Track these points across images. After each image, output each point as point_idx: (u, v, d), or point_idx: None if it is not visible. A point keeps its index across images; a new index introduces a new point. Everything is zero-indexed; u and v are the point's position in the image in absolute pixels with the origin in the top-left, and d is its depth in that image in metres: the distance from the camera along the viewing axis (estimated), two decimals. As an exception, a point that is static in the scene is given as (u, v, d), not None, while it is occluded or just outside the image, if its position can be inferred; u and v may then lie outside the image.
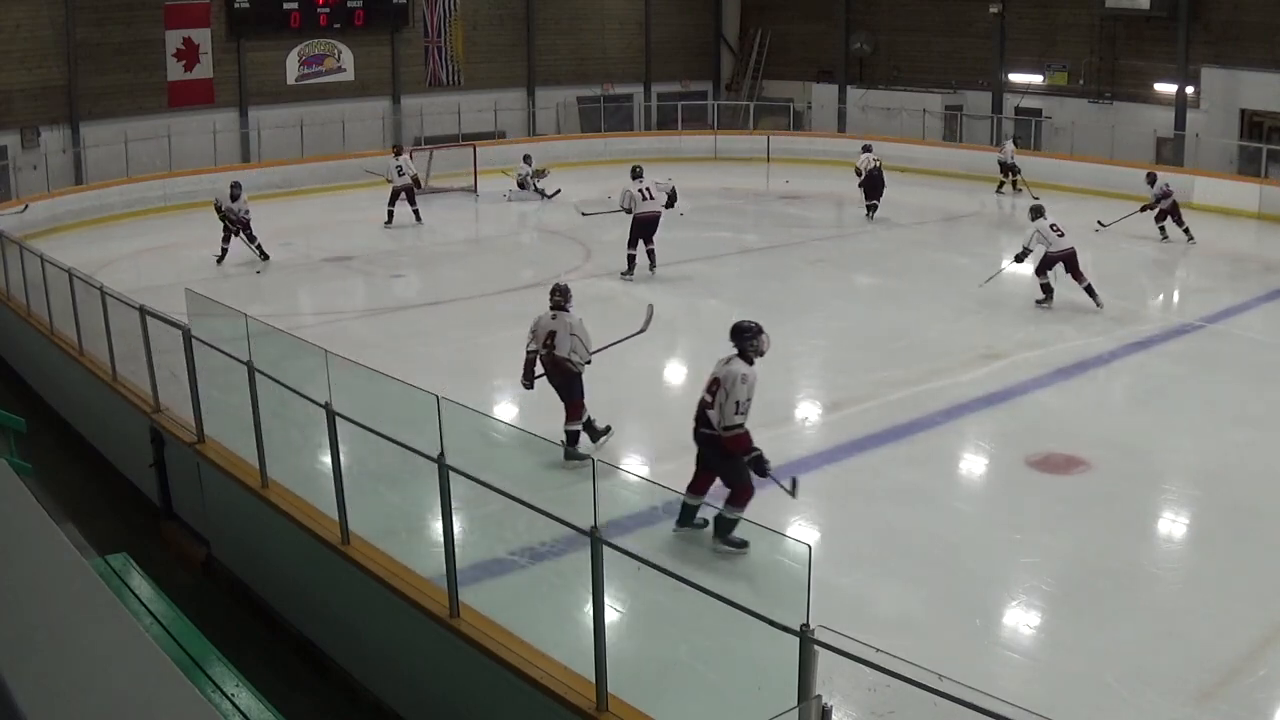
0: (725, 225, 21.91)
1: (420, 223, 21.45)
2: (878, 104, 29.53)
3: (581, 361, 9.53)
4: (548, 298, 9.81)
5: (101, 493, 10.47)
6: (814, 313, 15.15)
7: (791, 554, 4.81)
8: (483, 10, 29.96)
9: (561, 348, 9.46)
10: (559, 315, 9.64)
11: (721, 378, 7.65)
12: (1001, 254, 19.82)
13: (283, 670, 7.26)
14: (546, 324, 9.63)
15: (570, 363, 9.48)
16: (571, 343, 9.48)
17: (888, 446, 10.20)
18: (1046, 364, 12.44)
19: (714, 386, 7.69)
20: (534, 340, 9.67)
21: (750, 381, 7.63)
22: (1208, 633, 6.97)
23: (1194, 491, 9.37)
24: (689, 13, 33.57)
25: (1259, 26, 23.10)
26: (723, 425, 7.57)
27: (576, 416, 9.57)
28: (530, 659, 5.60)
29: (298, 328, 12.28)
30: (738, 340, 7.80)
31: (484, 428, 9.25)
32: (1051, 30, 26.84)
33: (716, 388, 7.66)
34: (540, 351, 9.59)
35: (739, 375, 7.61)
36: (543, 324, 9.67)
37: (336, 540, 6.92)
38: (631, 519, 7.47)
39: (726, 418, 7.56)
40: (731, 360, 7.74)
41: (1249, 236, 20.57)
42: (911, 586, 7.70)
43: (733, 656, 5.71)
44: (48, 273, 11.80)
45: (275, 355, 8.04)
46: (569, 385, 9.58)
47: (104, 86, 24.59)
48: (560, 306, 9.67)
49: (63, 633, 1.83)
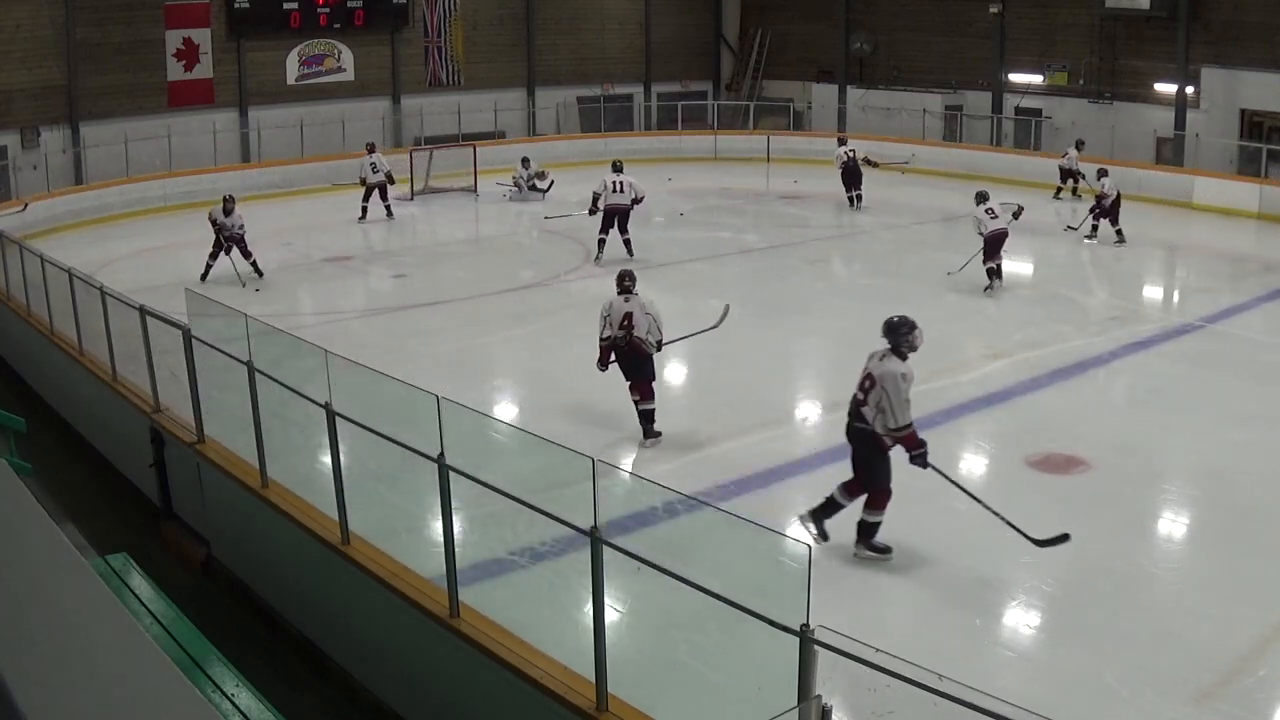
0: (725, 225, 21.92)
1: (391, 218, 21.82)
2: (878, 104, 29.54)
3: (654, 340, 9.86)
4: (615, 284, 10.12)
5: (101, 493, 10.47)
6: (814, 312, 15.16)
7: (791, 554, 4.80)
8: (483, 10, 29.96)
9: (640, 328, 9.81)
10: (631, 298, 9.92)
11: (878, 376, 7.58)
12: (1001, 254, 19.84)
13: (283, 670, 7.26)
14: (621, 307, 9.89)
15: (646, 343, 9.82)
16: (648, 322, 9.82)
17: (888, 446, 10.18)
18: (1046, 364, 12.44)
19: (868, 384, 7.64)
20: (608, 326, 9.91)
21: (910, 378, 7.60)
22: (1208, 633, 6.98)
23: (1194, 491, 9.37)
24: (689, 13, 33.58)
25: (1259, 26, 23.09)
26: (894, 425, 7.56)
27: (650, 396, 9.93)
28: (530, 659, 5.60)
29: (298, 328, 12.28)
30: (892, 337, 7.72)
31: (484, 428, 9.25)
32: (1051, 30, 26.83)
33: (871, 385, 7.62)
34: (618, 334, 9.85)
35: (899, 374, 7.57)
36: (616, 307, 9.91)
37: (336, 540, 6.92)
38: (631, 519, 7.46)
39: (898, 419, 7.54)
40: (886, 358, 7.66)
41: (1249, 236, 20.57)
42: (911, 586, 7.70)
43: (733, 656, 5.70)
44: (48, 273, 11.80)
45: (275, 355, 8.04)
46: (643, 365, 9.90)
47: (104, 86, 24.59)
48: (630, 290, 9.95)
49: (63, 633, 1.83)
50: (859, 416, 7.70)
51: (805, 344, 13.33)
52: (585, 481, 5.06)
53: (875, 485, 7.78)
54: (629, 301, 9.91)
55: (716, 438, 10.40)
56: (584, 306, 15.63)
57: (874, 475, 7.77)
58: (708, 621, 5.33)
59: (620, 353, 9.94)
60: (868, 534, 7.85)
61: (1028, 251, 19.85)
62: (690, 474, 9.29)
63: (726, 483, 9.23)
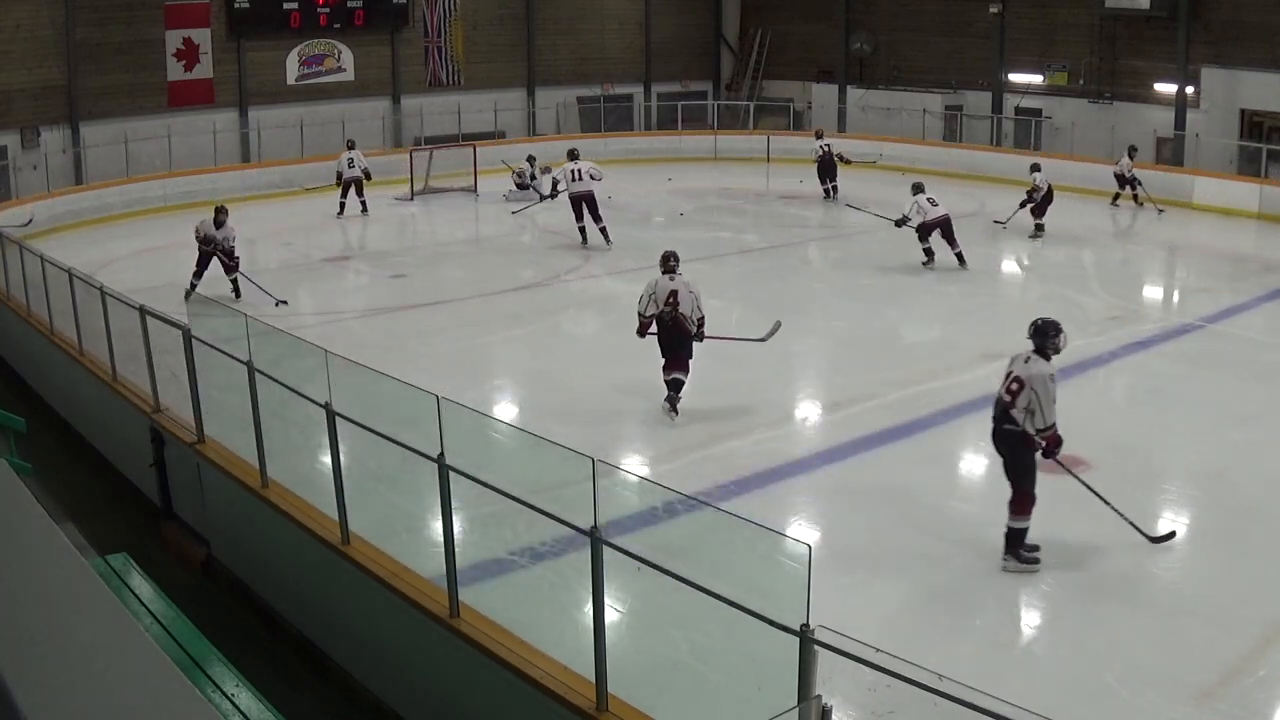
0: (725, 225, 21.92)
1: (366, 213, 22.15)
2: (878, 104, 29.53)
3: (695, 319, 10.46)
4: (659, 264, 10.72)
5: (101, 493, 10.47)
6: (814, 313, 15.16)
7: (791, 554, 4.80)
8: (483, 10, 29.96)
9: (685, 305, 10.42)
10: (675, 277, 10.54)
11: (1026, 378, 7.67)
12: (1001, 254, 19.86)
13: (283, 670, 7.26)
14: (666, 285, 10.52)
15: (689, 320, 10.46)
16: (691, 300, 10.46)
17: (888, 446, 10.20)
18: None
19: (1015, 386, 7.71)
20: (653, 303, 10.51)
21: (1056, 379, 7.74)
22: (1208, 633, 6.97)
23: (1194, 491, 9.37)
24: (689, 13, 33.57)
25: (1259, 26, 23.09)
26: (1043, 425, 7.66)
27: (685, 369, 10.61)
28: (530, 659, 5.60)
29: (298, 328, 12.28)
30: (1039, 339, 7.85)
31: (484, 428, 9.25)
32: (1051, 30, 26.83)
33: (1020, 387, 7.68)
34: (664, 311, 10.44)
35: (1048, 375, 7.69)
36: (661, 285, 10.53)
37: (336, 540, 6.92)
38: (631, 519, 7.46)
39: (1046, 418, 7.65)
40: (1031, 359, 7.78)
41: (1249, 236, 20.56)
42: (912, 586, 7.71)
43: (733, 656, 5.70)
44: (48, 273, 11.80)
45: (275, 355, 8.04)
46: (684, 344, 10.55)
47: (104, 86, 24.58)
48: (674, 270, 10.60)
49: (63, 633, 1.83)
50: (1008, 419, 7.75)
51: (805, 344, 13.34)
52: (585, 481, 5.06)
53: (1023, 489, 7.80)
54: (674, 280, 10.49)
55: (716, 438, 10.40)
56: (584, 306, 15.68)
57: (1023, 478, 7.81)
58: (708, 621, 5.33)
59: (664, 329, 10.52)
60: (1017, 541, 7.80)
61: (1032, 252, 19.88)
62: (690, 474, 9.29)
63: (726, 483, 9.23)
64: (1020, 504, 7.76)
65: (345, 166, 22.01)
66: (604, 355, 13.17)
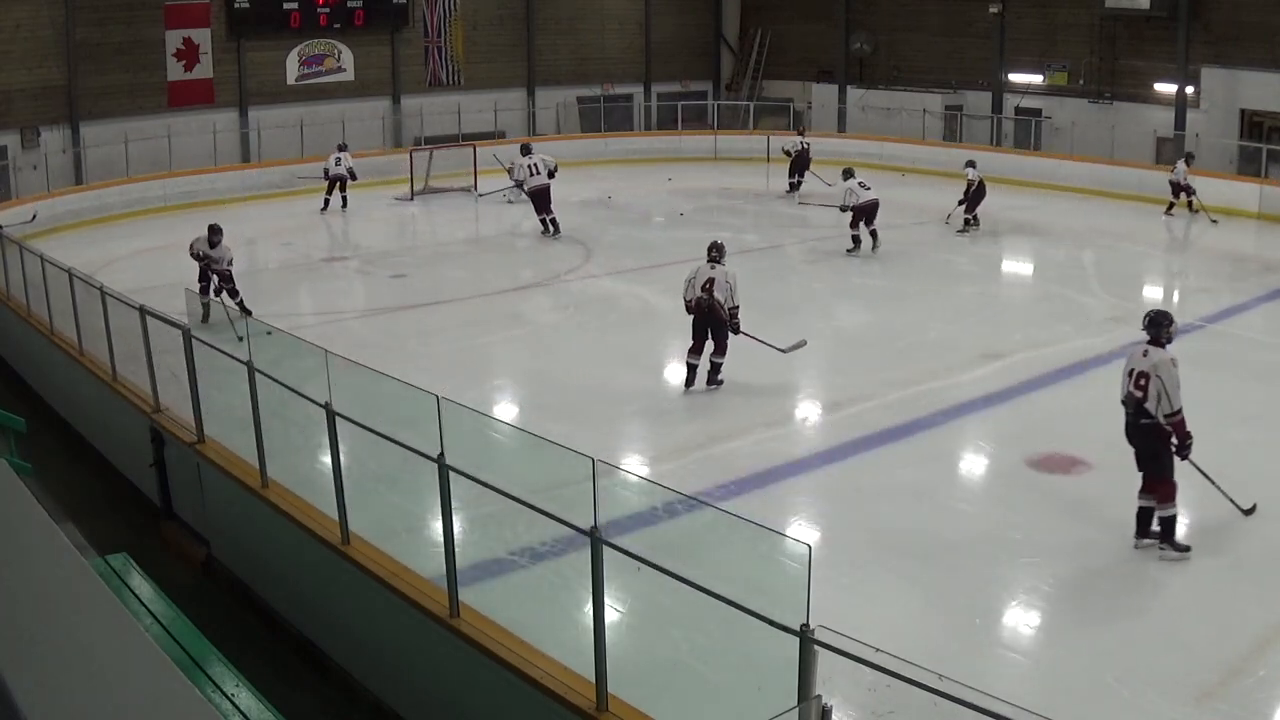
0: (725, 225, 21.89)
1: (345, 208, 22.67)
2: (878, 104, 29.53)
3: (729, 307, 11.28)
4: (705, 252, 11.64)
5: (101, 493, 10.47)
6: (813, 313, 15.16)
7: (791, 554, 4.80)
8: (483, 10, 29.96)
9: (720, 292, 11.25)
10: (716, 266, 11.43)
11: (1149, 370, 7.90)
12: (1001, 254, 19.87)
13: (283, 670, 7.26)
14: (705, 271, 11.44)
15: (722, 307, 11.24)
16: (726, 289, 11.28)
17: (888, 446, 10.20)
18: (1046, 364, 12.43)
19: (1143, 380, 7.93)
20: (691, 288, 11.39)
21: (1177, 364, 7.98)
22: (1208, 633, 6.98)
23: (1193, 492, 9.36)
24: (689, 13, 33.57)
25: (1259, 26, 23.09)
26: (1168, 411, 7.87)
27: (722, 352, 11.44)
28: (530, 659, 5.59)
29: (298, 328, 12.28)
30: (1154, 329, 8.16)
31: (484, 428, 9.24)
32: (1051, 30, 26.83)
33: (1146, 380, 7.90)
34: (701, 295, 11.27)
35: (1169, 359, 7.96)
36: (702, 271, 11.46)
37: (336, 540, 6.92)
38: (631, 519, 7.47)
39: (1173, 403, 7.87)
40: (1150, 351, 8.05)
41: (1249, 236, 20.56)
42: (912, 586, 7.70)
43: (733, 656, 5.71)
44: (48, 273, 11.80)
45: (275, 355, 8.04)
46: (719, 328, 11.36)
47: (104, 86, 24.58)
48: (717, 260, 11.48)
49: (63, 633, 1.83)
50: (1144, 413, 7.96)
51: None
52: (585, 481, 5.06)
53: (1163, 477, 8.01)
54: (714, 269, 11.38)
55: (716, 438, 10.40)
56: (584, 306, 15.67)
57: (1162, 468, 8.03)
58: (708, 621, 5.33)
59: (700, 312, 11.31)
60: (1170, 530, 8.02)
61: (1032, 252, 19.90)
62: (690, 474, 9.29)
63: (726, 483, 9.23)
64: (1164, 492, 7.99)
65: (333, 164, 22.57)
66: (604, 355, 13.17)
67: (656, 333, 14.59)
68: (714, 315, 11.28)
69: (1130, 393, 8.01)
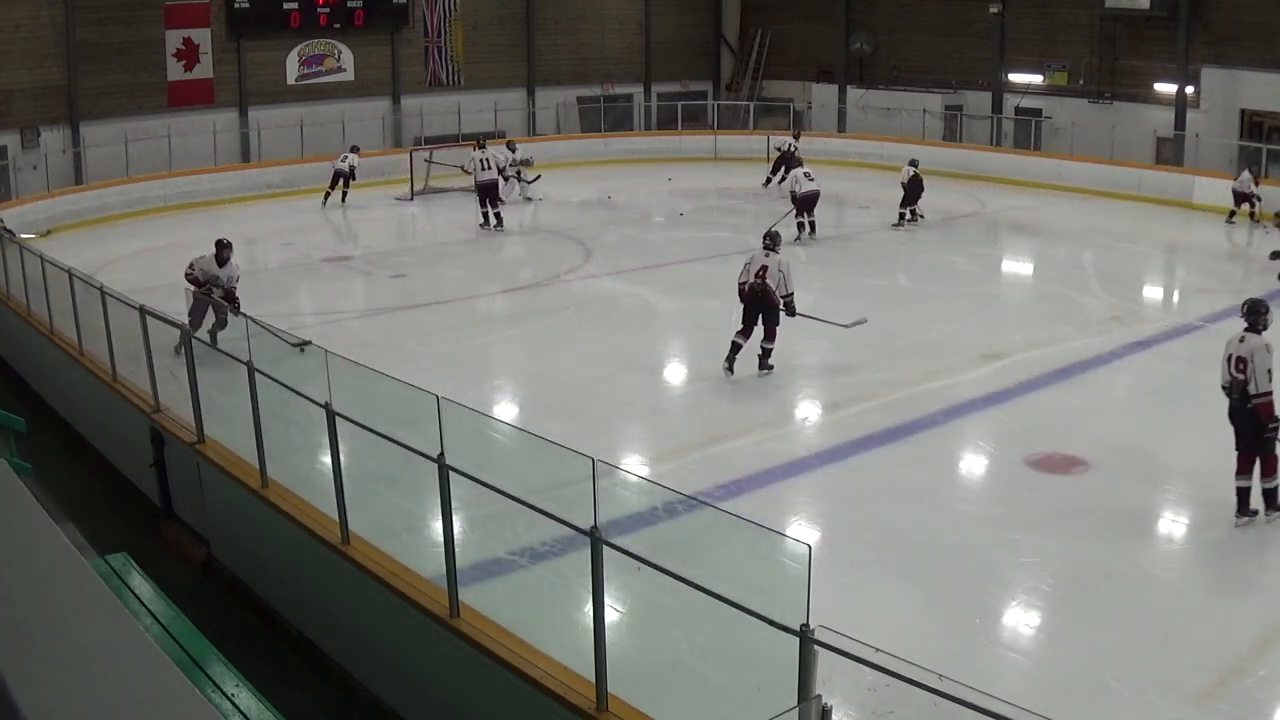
0: (725, 225, 21.91)
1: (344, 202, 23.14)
2: (878, 104, 29.53)
3: (783, 293, 11.83)
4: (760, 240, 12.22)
5: (101, 493, 10.47)
6: (813, 312, 15.12)
7: (791, 554, 4.80)
8: (483, 10, 29.96)
9: (772, 279, 11.77)
10: (770, 255, 11.95)
11: (1248, 354, 8.26)
12: (1002, 254, 19.88)
13: (283, 670, 7.25)
14: (760, 259, 11.95)
15: (774, 293, 11.75)
16: (779, 277, 11.82)
17: (888, 446, 10.20)
18: (1046, 364, 12.44)
19: (1241, 365, 8.28)
20: (746, 273, 11.93)
21: (1273, 349, 8.28)
22: (1208, 633, 6.98)
23: (1194, 491, 9.36)
24: (689, 13, 33.57)
25: (1259, 26, 23.09)
26: (1257, 392, 8.19)
27: (772, 338, 11.92)
28: (530, 659, 5.59)
29: (298, 328, 12.27)
30: (1252, 317, 8.51)
31: (484, 428, 9.24)
32: (1051, 30, 26.83)
33: (1245, 365, 8.25)
34: (754, 281, 11.77)
35: (1265, 344, 8.29)
36: (756, 259, 11.99)
37: (336, 540, 6.92)
38: (631, 519, 7.46)
39: (1260, 385, 8.20)
40: (1246, 337, 8.38)
41: (1249, 236, 20.56)
42: (911, 586, 7.70)
43: (733, 656, 5.70)
44: (48, 273, 11.79)
45: (275, 355, 8.04)
46: (771, 313, 11.85)
47: (104, 86, 24.58)
48: (772, 249, 12.02)
49: (63, 633, 1.83)
50: (1247, 396, 8.28)
51: (805, 344, 13.33)
52: (585, 481, 5.06)
53: (1269, 451, 8.35)
54: (768, 257, 11.91)
55: (716, 438, 10.40)
56: (584, 306, 15.67)
57: (1266, 444, 8.33)
58: (708, 621, 5.33)
59: (754, 296, 11.78)
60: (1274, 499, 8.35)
61: (1032, 252, 19.91)
62: (690, 474, 9.29)
63: (726, 483, 9.23)
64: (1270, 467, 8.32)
65: (339, 162, 23.14)
66: (603, 355, 13.17)
67: (656, 333, 14.61)
68: (766, 301, 11.78)
69: (1233, 377, 8.36)
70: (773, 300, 11.75)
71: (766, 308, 11.78)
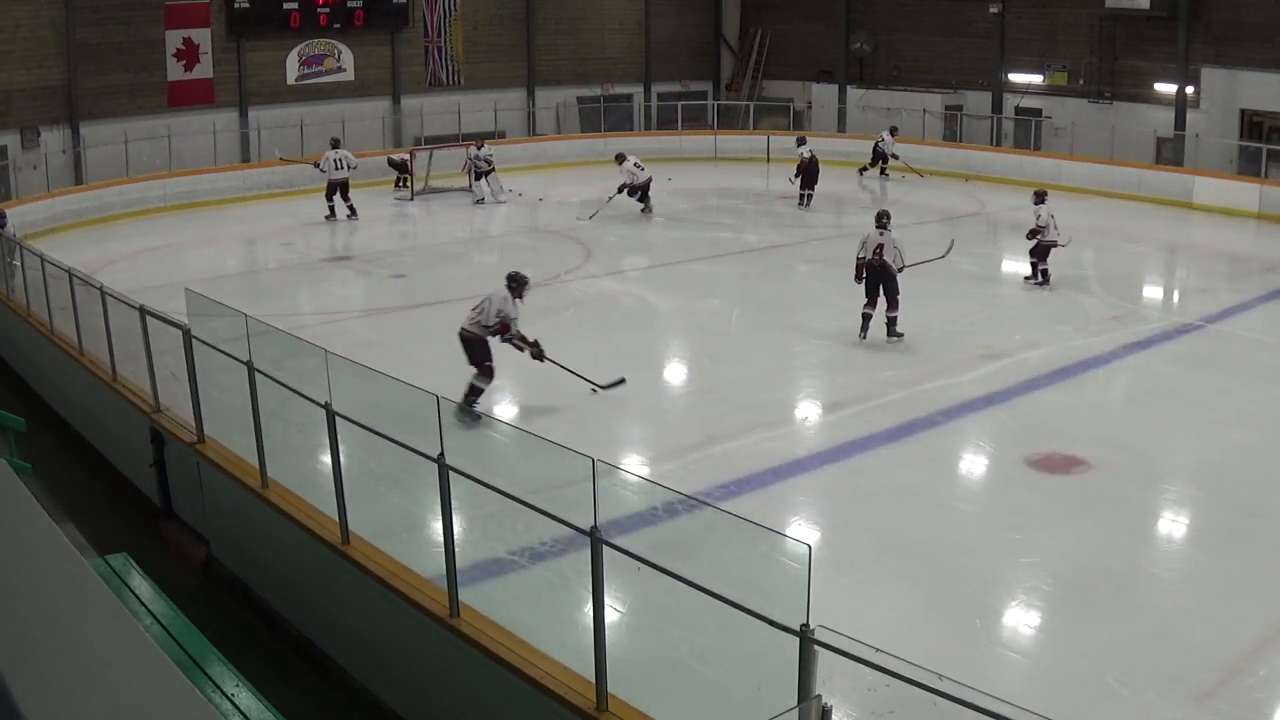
0: (725, 225, 21.92)
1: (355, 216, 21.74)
2: (878, 104, 29.51)
3: (899, 265, 12.98)
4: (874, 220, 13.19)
5: (101, 493, 10.47)
6: (814, 312, 15.14)
7: (791, 554, 4.80)
8: (483, 10, 29.95)
9: (888, 255, 12.92)
10: (884, 233, 13.00)
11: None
12: (1002, 254, 19.86)
13: (283, 670, 7.26)
14: (875, 238, 13.00)
15: (890, 265, 12.89)
16: (894, 252, 12.99)
17: (888, 446, 10.20)
18: (1046, 364, 12.44)
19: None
20: (864, 250, 13.02)
21: None
22: (1208, 633, 6.97)
23: (1193, 491, 9.37)
24: (689, 13, 33.55)
25: (1259, 26, 23.09)
26: None
27: (895, 307, 12.98)
28: (530, 659, 5.59)
29: (298, 328, 12.27)
30: None
31: (484, 428, 9.25)
32: (1051, 30, 26.83)
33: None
34: (871, 258, 12.89)
35: None
36: (871, 237, 13.03)
37: (336, 540, 6.92)
38: (631, 519, 7.46)
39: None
40: None
41: (1249, 236, 20.57)
42: (911, 586, 7.70)
43: (733, 656, 5.70)
44: (48, 273, 11.79)
45: (275, 355, 8.04)
46: (890, 283, 12.94)
47: (104, 86, 24.57)
48: (884, 226, 13.04)
49: (63, 633, 1.82)
50: None
51: (805, 344, 13.35)
52: (585, 481, 5.06)
53: None
54: (883, 235, 12.97)
55: (716, 438, 10.40)
56: (584, 306, 15.66)
57: None
58: (708, 621, 5.33)
59: (871, 271, 12.89)
60: None
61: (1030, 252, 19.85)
62: (690, 474, 9.29)
63: (726, 483, 9.23)
64: None
65: (332, 168, 21.24)
66: (604, 355, 13.16)
67: (657, 333, 14.60)
68: (884, 274, 12.86)
69: None
70: (890, 273, 12.88)
71: (886, 280, 12.87)
